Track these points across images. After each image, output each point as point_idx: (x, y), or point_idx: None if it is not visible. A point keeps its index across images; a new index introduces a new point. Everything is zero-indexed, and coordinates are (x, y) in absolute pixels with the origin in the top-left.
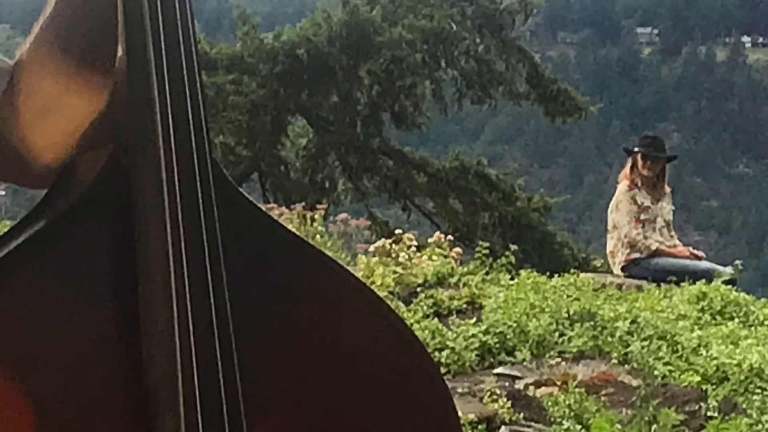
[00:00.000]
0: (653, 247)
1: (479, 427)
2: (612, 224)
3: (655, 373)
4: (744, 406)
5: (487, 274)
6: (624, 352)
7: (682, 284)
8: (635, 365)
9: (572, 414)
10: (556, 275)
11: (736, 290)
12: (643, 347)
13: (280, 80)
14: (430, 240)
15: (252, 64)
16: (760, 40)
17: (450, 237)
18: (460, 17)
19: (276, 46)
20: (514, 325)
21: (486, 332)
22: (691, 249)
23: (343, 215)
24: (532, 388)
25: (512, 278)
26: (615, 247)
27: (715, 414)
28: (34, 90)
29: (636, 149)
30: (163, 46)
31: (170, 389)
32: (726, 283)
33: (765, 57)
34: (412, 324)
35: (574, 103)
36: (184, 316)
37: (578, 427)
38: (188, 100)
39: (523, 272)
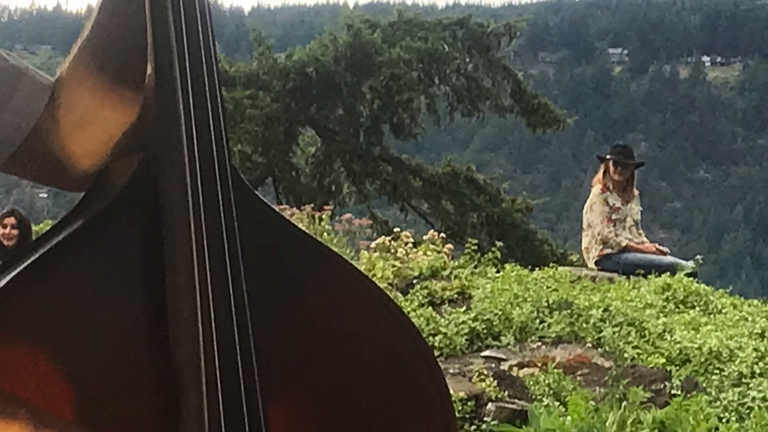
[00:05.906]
0: (623, 244)
1: (468, 403)
2: (587, 223)
3: (625, 355)
4: (704, 385)
5: (475, 267)
6: (597, 337)
7: (649, 276)
8: (607, 348)
9: (551, 392)
10: (537, 269)
11: (697, 282)
12: (614, 332)
13: (292, 95)
14: (425, 237)
15: (267, 81)
16: (719, 59)
17: (443, 235)
18: (452, 39)
19: (288, 65)
20: (500, 312)
21: (475, 319)
22: (657, 245)
23: (348, 215)
24: (515, 369)
25: (498, 271)
26: (589, 244)
27: (679, 392)
28: (73, 104)
29: (608, 156)
30: (187, 65)
31: (194, 370)
32: (688, 275)
33: (723, 74)
34: (408, 312)
35: (553, 116)
36: (206, 305)
37: (557, 403)
38: (210, 113)
39: (507, 266)
